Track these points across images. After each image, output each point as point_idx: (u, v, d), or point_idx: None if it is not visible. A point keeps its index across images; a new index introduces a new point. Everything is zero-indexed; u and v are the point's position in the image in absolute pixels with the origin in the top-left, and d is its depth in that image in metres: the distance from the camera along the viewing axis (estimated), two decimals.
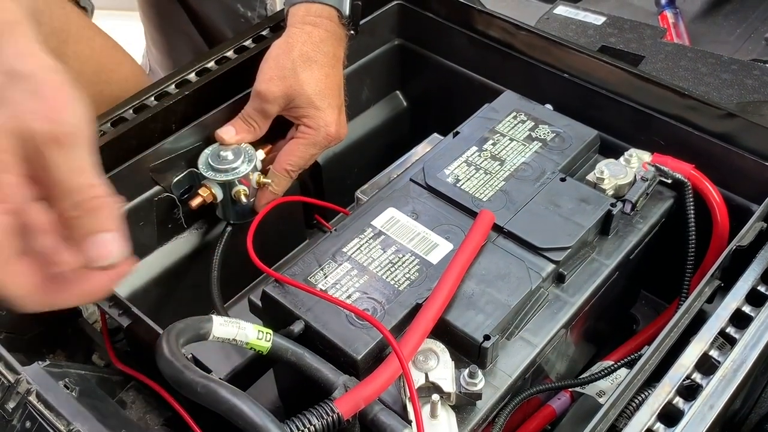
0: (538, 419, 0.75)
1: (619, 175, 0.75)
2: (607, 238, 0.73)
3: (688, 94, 0.79)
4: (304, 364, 0.60)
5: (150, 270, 0.83)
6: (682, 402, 0.56)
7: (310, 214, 1.00)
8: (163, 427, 0.67)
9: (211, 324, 0.57)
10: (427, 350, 0.61)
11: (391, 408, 0.58)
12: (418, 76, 1.05)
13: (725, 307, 0.61)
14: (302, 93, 0.78)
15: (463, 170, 0.77)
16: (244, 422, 0.50)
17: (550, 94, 0.86)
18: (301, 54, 0.79)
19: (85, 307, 0.82)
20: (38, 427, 0.54)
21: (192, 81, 0.87)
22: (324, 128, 0.80)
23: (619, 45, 1.15)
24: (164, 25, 1.34)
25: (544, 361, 0.68)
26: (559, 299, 0.69)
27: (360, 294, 0.66)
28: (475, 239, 0.68)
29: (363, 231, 0.71)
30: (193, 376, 0.51)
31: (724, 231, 0.77)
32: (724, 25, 1.33)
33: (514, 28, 0.91)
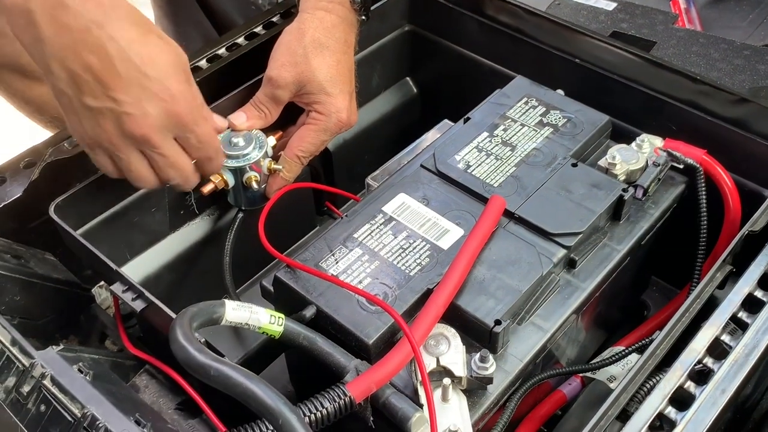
0: (549, 404, 0.75)
1: (631, 160, 0.75)
2: (618, 224, 0.73)
3: (700, 79, 0.79)
4: (315, 348, 0.60)
5: (162, 256, 0.84)
6: (694, 386, 0.56)
7: (321, 200, 1.01)
8: (176, 410, 0.67)
9: (223, 308, 0.58)
10: (438, 335, 0.61)
11: (403, 392, 0.59)
12: (428, 62, 1.05)
13: (737, 292, 0.61)
14: (314, 79, 0.78)
15: (474, 156, 0.77)
16: (257, 405, 0.50)
17: (561, 80, 0.86)
18: (313, 40, 0.78)
19: (98, 293, 0.83)
20: (53, 411, 0.55)
21: (203, 68, 0.87)
22: (335, 114, 0.80)
23: (631, 31, 1.14)
24: (175, 14, 1.34)
25: (554, 347, 0.68)
26: (570, 284, 0.69)
27: (371, 279, 0.66)
28: (486, 225, 0.68)
29: (374, 217, 0.72)
30: (207, 360, 0.52)
31: (736, 216, 0.77)
32: (737, 10, 1.32)
33: (525, 13, 0.90)
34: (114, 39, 0.61)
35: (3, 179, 0.77)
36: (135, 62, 0.62)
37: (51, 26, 0.60)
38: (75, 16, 0.59)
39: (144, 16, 0.64)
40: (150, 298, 0.65)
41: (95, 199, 0.76)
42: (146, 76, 0.63)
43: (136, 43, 0.62)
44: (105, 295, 0.83)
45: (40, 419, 0.55)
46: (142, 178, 0.69)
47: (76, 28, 0.60)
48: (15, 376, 0.57)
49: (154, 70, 0.63)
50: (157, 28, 0.66)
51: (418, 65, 1.06)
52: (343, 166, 0.99)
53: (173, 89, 0.64)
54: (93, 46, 0.60)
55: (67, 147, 0.78)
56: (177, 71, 0.65)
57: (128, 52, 0.62)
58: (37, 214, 0.77)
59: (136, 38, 0.62)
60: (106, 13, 0.61)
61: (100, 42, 0.60)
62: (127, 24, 0.62)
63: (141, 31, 0.63)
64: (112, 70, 0.61)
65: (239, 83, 0.84)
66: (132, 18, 0.62)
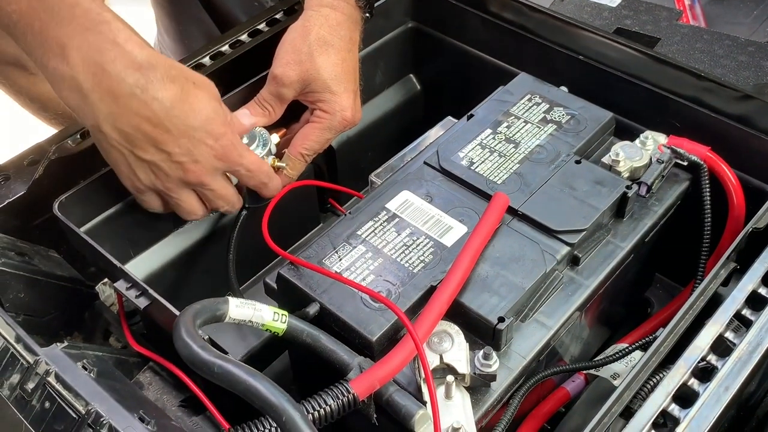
0: (553, 401, 0.75)
1: (635, 157, 0.75)
2: (622, 221, 0.73)
3: (704, 75, 0.79)
4: (319, 345, 0.60)
5: (166, 253, 0.84)
6: (697, 384, 0.56)
7: (324, 197, 1.01)
8: (180, 407, 0.68)
9: (227, 305, 0.58)
10: (441, 332, 0.61)
11: (406, 389, 0.59)
12: (432, 59, 1.04)
13: (741, 289, 0.61)
14: (318, 78, 0.78)
15: (478, 153, 0.77)
16: (261, 402, 0.50)
17: (565, 77, 0.86)
18: (318, 38, 0.78)
19: (102, 290, 0.83)
20: (57, 408, 0.55)
21: (206, 65, 0.87)
22: (340, 113, 0.80)
23: (635, 27, 1.14)
24: (177, 12, 1.34)
25: (558, 344, 0.68)
26: (573, 282, 0.69)
27: (374, 277, 0.66)
28: (489, 222, 0.68)
29: (377, 214, 0.72)
30: (210, 357, 0.52)
31: (740, 213, 0.77)
32: (741, 6, 1.31)
33: (529, 10, 0.90)
34: (158, 99, 0.65)
35: (7, 177, 0.77)
36: (180, 117, 0.67)
37: (96, 92, 0.64)
38: (118, 82, 0.64)
39: (178, 67, 0.68)
40: (154, 295, 0.65)
41: (99, 196, 0.77)
42: (192, 127, 0.67)
43: (178, 100, 0.66)
44: (109, 293, 0.83)
45: (44, 416, 0.55)
46: (193, 212, 0.75)
47: (121, 93, 0.64)
48: (19, 373, 0.57)
49: (197, 119, 0.68)
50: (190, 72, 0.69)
51: (422, 62, 1.06)
52: (347, 163, 0.99)
53: (216, 132, 0.69)
54: (139, 109, 0.65)
55: (70, 144, 0.78)
56: (216, 113, 0.69)
57: (173, 109, 0.66)
58: (41, 212, 0.77)
59: (177, 94, 0.66)
60: (146, 75, 0.64)
61: (146, 104, 0.65)
62: (166, 83, 0.66)
63: (180, 86, 0.67)
64: (161, 128, 0.66)
65: (243, 80, 0.84)
66: (170, 75, 0.66)
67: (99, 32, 0.63)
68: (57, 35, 0.62)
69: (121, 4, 1.36)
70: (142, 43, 0.65)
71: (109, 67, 0.63)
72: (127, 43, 0.64)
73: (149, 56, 0.65)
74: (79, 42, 0.63)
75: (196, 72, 0.70)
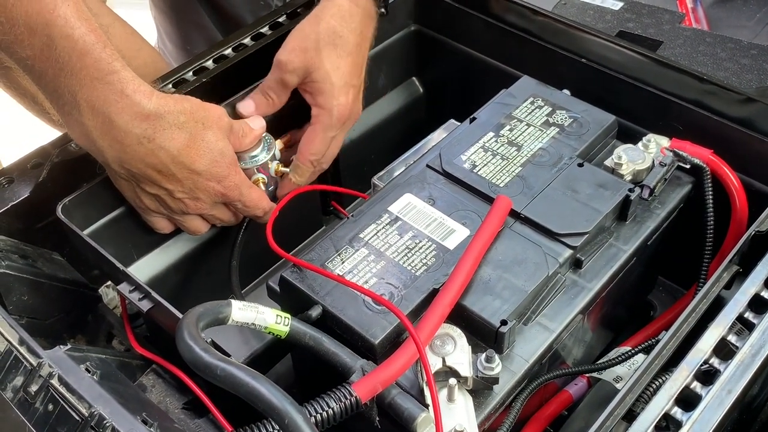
0: (555, 404, 0.75)
1: (637, 160, 0.75)
2: (624, 224, 0.73)
3: (707, 78, 0.79)
4: (322, 348, 0.61)
5: (169, 256, 0.84)
6: (700, 387, 0.56)
7: (327, 200, 1.01)
8: (183, 410, 0.68)
9: (230, 308, 0.58)
10: (444, 335, 0.61)
11: (409, 392, 0.59)
12: (434, 62, 1.05)
13: (744, 292, 0.61)
14: (321, 67, 0.78)
15: (480, 156, 0.77)
16: (263, 405, 0.50)
17: (567, 80, 0.86)
18: (328, 27, 0.78)
19: (105, 292, 0.83)
20: (60, 410, 0.55)
21: (209, 68, 0.87)
22: (336, 107, 0.79)
23: (637, 30, 1.14)
24: (179, 18, 1.34)
25: (560, 347, 0.68)
26: (576, 285, 0.69)
27: (377, 279, 0.66)
28: (492, 225, 0.68)
29: (380, 217, 0.72)
30: (213, 360, 0.52)
31: (742, 216, 0.77)
32: (744, 9, 1.31)
33: (531, 13, 0.90)
34: (164, 149, 0.68)
35: (11, 179, 0.77)
36: (185, 163, 0.69)
37: (104, 139, 0.66)
38: (125, 133, 0.66)
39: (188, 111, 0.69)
40: (157, 298, 0.65)
41: (102, 199, 0.77)
42: (196, 172, 0.70)
43: (185, 147, 0.68)
44: (112, 295, 0.83)
45: (47, 418, 0.55)
46: (196, 231, 0.79)
47: (128, 143, 0.66)
48: (23, 376, 0.57)
49: (202, 164, 0.70)
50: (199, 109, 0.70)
51: (425, 65, 1.06)
52: (349, 166, 0.99)
53: (220, 175, 0.72)
54: (146, 157, 0.68)
55: (74, 147, 0.78)
56: (222, 155, 0.71)
57: (179, 157, 0.68)
58: (45, 215, 0.77)
59: (184, 142, 0.68)
60: (153, 125, 0.66)
61: (153, 153, 0.67)
62: (174, 131, 0.68)
63: (188, 132, 0.68)
64: (167, 173, 0.69)
65: (246, 84, 0.84)
66: (178, 122, 0.68)
67: (108, 83, 0.64)
68: (68, 83, 0.64)
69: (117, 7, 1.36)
70: (151, 92, 0.66)
71: (117, 119, 0.65)
72: (135, 94, 0.65)
73: (157, 105, 0.66)
74: (88, 92, 0.64)
75: (206, 105, 0.71)
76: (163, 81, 0.84)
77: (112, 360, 0.70)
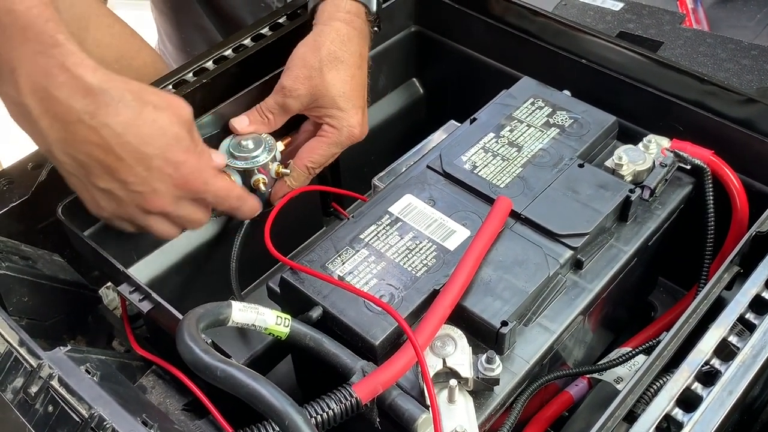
0: (556, 405, 0.75)
1: (638, 161, 0.75)
2: (625, 225, 0.73)
3: (707, 79, 0.79)
4: (322, 349, 0.60)
5: (169, 257, 0.84)
6: (701, 388, 0.56)
7: (327, 201, 1.01)
8: (183, 411, 0.68)
9: (230, 309, 0.58)
10: (444, 336, 0.61)
11: (409, 393, 0.59)
12: (434, 63, 1.05)
13: (744, 293, 0.61)
14: (327, 94, 0.78)
15: (481, 157, 0.77)
16: (263, 406, 0.50)
17: (568, 80, 0.86)
18: (329, 53, 0.78)
19: (106, 293, 0.83)
20: (60, 411, 0.55)
21: (209, 69, 0.87)
22: (347, 129, 0.80)
23: (638, 31, 1.14)
24: (179, 20, 1.34)
25: (561, 348, 0.68)
26: (576, 285, 0.68)
27: (377, 280, 0.66)
28: (492, 225, 0.68)
29: (380, 218, 0.72)
30: (213, 361, 0.52)
31: (743, 217, 0.77)
32: (744, 10, 1.31)
33: (532, 14, 0.90)
34: (108, 125, 0.62)
35: (11, 181, 0.77)
36: (133, 144, 0.63)
37: (45, 119, 0.61)
38: (66, 109, 0.60)
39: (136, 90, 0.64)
40: (157, 299, 0.65)
41: None
42: (146, 154, 0.64)
43: (130, 125, 0.63)
44: (112, 296, 0.83)
45: (47, 420, 0.55)
46: (165, 234, 0.71)
47: (69, 120, 0.61)
48: (23, 377, 0.57)
49: (152, 146, 0.64)
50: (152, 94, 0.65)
51: (425, 66, 1.06)
52: (350, 167, 0.99)
53: (175, 160, 0.65)
54: (89, 136, 0.62)
55: None
56: (176, 139, 0.65)
57: (124, 135, 0.62)
58: (45, 216, 0.77)
59: (129, 119, 0.62)
60: (96, 101, 0.61)
61: (95, 131, 0.62)
62: (119, 107, 0.62)
63: (134, 110, 0.63)
64: (113, 155, 0.63)
65: (246, 85, 0.84)
66: (122, 100, 0.62)
67: (49, 56, 0.60)
68: (8, 58, 0.60)
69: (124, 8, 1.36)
70: (95, 67, 0.61)
71: (57, 92, 0.60)
72: (77, 67, 0.60)
73: (102, 80, 0.61)
74: (29, 67, 0.60)
75: (162, 92, 0.67)
76: (164, 82, 0.84)
77: (113, 361, 0.70)
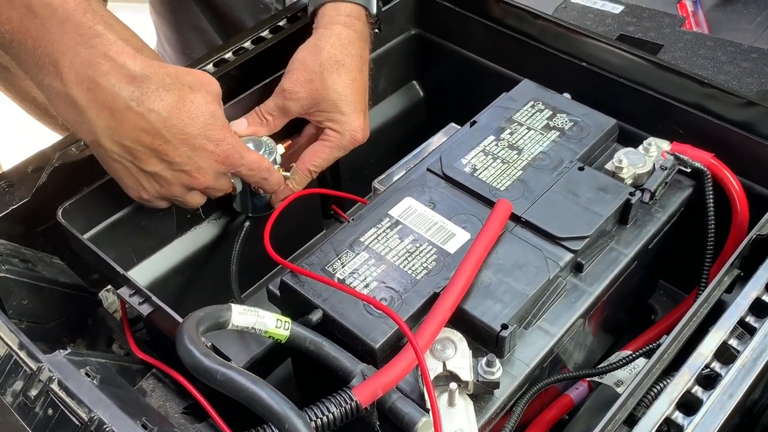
0: (556, 408, 0.75)
1: (638, 164, 0.75)
2: (625, 228, 0.73)
3: (707, 82, 0.79)
4: (322, 352, 0.60)
5: (169, 260, 0.84)
6: (701, 391, 0.56)
7: (327, 204, 1.01)
8: (182, 414, 0.68)
9: (230, 312, 0.58)
10: (444, 339, 0.61)
11: (409, 396, 0.58)
12: (435, 66, 1.05)
13: (745, 296, 0.61)
14: (328, 98, 0.78)
15: (481, 159, 0.77)
16: (263, 409, 0.50)
17: (568, 83, 0.86)
18: (330, 57, 0.78)
19: (105, 296, 0.83)
20: (60, 415, 0.55)
21: (210, 72, 0.87)
22: (350, 133, 0.80)
23: (638, 34, 1.14)
24: (178, 22, 1.34)
25: (561, 351, 0.68)
26: (577, 289, 0.68)
27: (377, 283, 0.66)
28: (492, 228, 0.68)
29: (380, 220, 0.72)
30: (213, 364, 0.52)
31: (743, 220, 0.77)
32: (744, 13, 1.31)
33: (532, 16, 0.90)
34: (154, 111, 0.65)
35: (11, 183, 0.77)
36: (178, 126, 0.66)
37: (92, 108, 0.64)
38: (113, 96, 0.63)
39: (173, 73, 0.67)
40: (157, 302, 0.65)
41: (102, 203, 0.77)
42: (190, 135, 0.67)
43: (174, 109, 0.66)
44: (112, 299, 0.83)
45: (47, 423, 0.55)
46: (197, 204, 0.76)
47: (117, 107, 0.64)
48: (22, 380, 0.57)
49: (194, 126, 0.67)
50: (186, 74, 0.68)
51: (425, 69, 1.06)
52: (350, 170, 0.99)
53: (216, 137, 0.69)
54: (137, 122, 0.65)
55: (74, 151, 0.78)
56: (213, 117, 0.69)
57: (170, 119, 0.66)
58: (45, 219, 0.77)
59: (173, 103, 0.66)
60: (140, 87, 0.64)
61: (143, 116, 0.65)
62: (161, 92, 0.65)
63: (175, 94, 0.66)
64: (160, 138, 0.66)
65: (246, 88, 0.84)
66: (164, 84, 0.65)
67: (91, 46, 0.62)
68: (49, 52, 0.62)
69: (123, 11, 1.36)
70: (135, 54, 0.64)
71: (103, 81, 0.63)
72: (119, 56, 0.63)
73: (143, 67, 0.64)
74: (71, 58, 0.62)
75: (192, 71, 0.70)
76: None
77: (112, 364, 0.70)
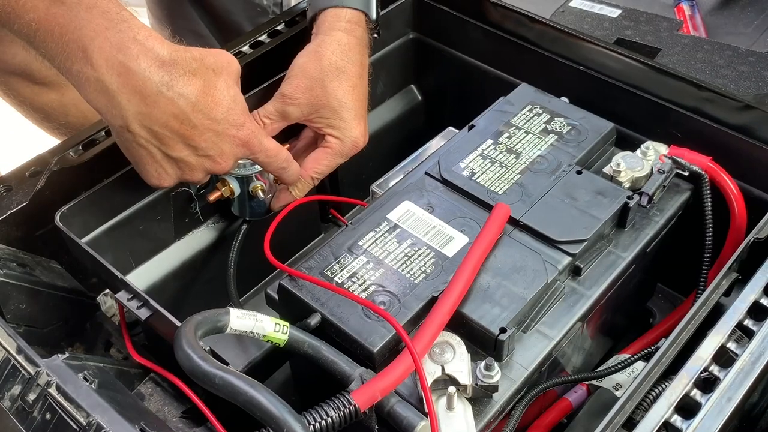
0: (555, 412, 0.75)
1: (636, 167, 0.75)
2: (623, 231, 0.73)
3: (705, 86, 0.79)
4: (320, 356, 0.60)
5: (167, 264, 0.84)
6: (700, 394, 0.56)
7: (326, 208, 1.01)
8: (181, 418, 0.68)
9: (228, 316, 0.58)
10: (443, 343, 0.61)
11: (408, 400, 0.58)
12: (433, 70, 1.05)
13: (743, 299, 0.61)
14: (328, 105, 0.79)
15: (479, 163, 0.77)
16: (261, 413, 0.50)
17: (565, 87, 0.86)
18: (330, 63, 0.79)
19: (104, 301, 0.83)
20: (58, 419, 0.55)
21: None
22: (351, 139, 0.80)
23: (635, 38, 1.14)
24: (175, 26, 1.34)
25: (560, 354, 0.68)
26: (575, 292, 0.68)
27: (376, 287, 0.66)
28: (490, 232, 0.68)
29: (378, 224, 0.72)
30: (211, 368, 0.52)
31: (741, 223, 0.77)
32: (741, 16, 1.32)
33: (529, 21, 0.90)
34: (183, 95, 0.65)
35: (9, 188, 0.77)
36: (204, 111, 0.67)
37: (124, 93, 0.64)
38: (144, 81, 0.63)
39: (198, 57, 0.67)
40: (155, 306, 0.65)
41: (100, 207, 0.77)
42: (215, 120, 0.68)
43: (201, 94, 0.66)
44: (110, 303, 0.83)
45: (45, 427, 0.55)
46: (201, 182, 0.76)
47: (148, 92, 0.64)
48: (20, 384, 0.57)
49: (218, 111, 0.68)
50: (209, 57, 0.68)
51: (423, 73, 1.06)
52: (348, 174, 0.99)
53: (238, 122, 0.69)
54: (167, 107, 0.65)
55: (72, 155, 0.78)
56: (235, 101, 0.69)
57: (197, 104, 0.66)
58: (43, 223, 0.77)
59: (200, 88, 0.66)
60: (170, 72, 0.64)
61: (173, 101, 0.65)
62: (189, 77, 0.66)
63: (201, 78, 0.67)
64: (188, 124, 0.67)
65: (244, 91, 0.83)
66: (191, 69, 0.66)
67: (119, 30, 0.62)
68: (77, 38, 0.62)
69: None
70: (162, 39, 0.65)
71: (134, 66, 0.63)
72: (148, 40, 0.63)
73: (170, 51, 0.65)
74: (101, 42, 0.62)
75: (213, 51, 0.70)
76: None
77: (110, 368, 0.70)
